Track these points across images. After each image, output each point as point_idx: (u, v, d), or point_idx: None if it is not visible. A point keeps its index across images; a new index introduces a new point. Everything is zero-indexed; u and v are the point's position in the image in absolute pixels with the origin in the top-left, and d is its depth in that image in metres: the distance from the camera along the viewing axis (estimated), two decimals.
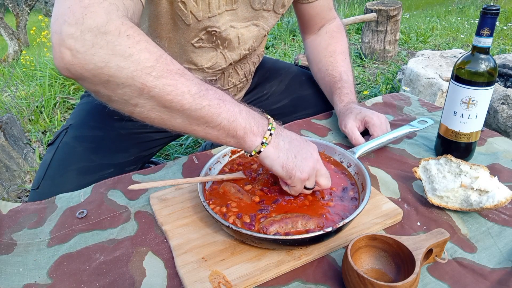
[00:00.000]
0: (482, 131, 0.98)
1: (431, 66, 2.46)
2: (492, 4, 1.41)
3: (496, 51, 3.60)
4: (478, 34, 0.78)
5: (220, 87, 0.69)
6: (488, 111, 1.80)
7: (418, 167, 0.79)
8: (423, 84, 2.35)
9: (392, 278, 0.60)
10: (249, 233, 0.61)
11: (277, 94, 1.26)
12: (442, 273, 0.62)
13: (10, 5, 4.93)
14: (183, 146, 2.09)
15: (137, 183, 0.71)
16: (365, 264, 0.62)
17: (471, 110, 0.82)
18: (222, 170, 0.81)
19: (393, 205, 0.74)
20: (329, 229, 0.61)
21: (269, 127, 0.66)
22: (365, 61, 3.59)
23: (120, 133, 1.05)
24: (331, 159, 0.84)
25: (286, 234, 0.64)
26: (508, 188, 0.71)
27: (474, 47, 0.80)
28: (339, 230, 0.63)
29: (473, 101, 0.81)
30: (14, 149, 1.89)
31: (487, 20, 0.76)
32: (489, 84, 0.80)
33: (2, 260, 0.67)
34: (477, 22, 1.24)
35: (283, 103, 1.24)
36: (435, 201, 0.74)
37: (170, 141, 1.22)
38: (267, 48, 3.98)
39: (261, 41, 1.06)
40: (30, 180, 1.88)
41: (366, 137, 0.95)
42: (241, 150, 0.86)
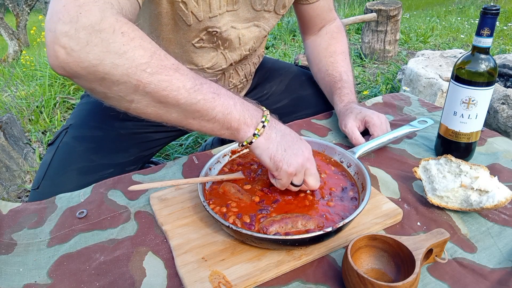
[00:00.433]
0: (482, 131, 0.98)
1: (431, 66, 2.46)
2: (492, 4, 1.41)
3: (496, 51, 3.60)
4: (478, 34, 0.78)
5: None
6: (488, 111, 1.80)
7: (418, 167, 0.79)
8: (423, 84, 2.35)
9: (392, 278, 0.60)
10: (249, 233, 0.61)
11: (277, 94, 1.26)
12: (442, 273, 0.62)
13: (10, 5, 4.93)
14: (183, 146, 2.09)
15: (137, 183, 0.71)
16: (365, 264, 0.62)
17: (471, 110, 0.82)
18: (222, 170, 0.81)
19: (393, 205, 0.74)
20: (329, 229, 0.61)
21: (263, 119, 0.68)
22: (365, 61, 3.59)
23: (120, 133, 1.05)
24: (332, 160, 0.84)
25: (286, 234, 0.64)
26: (508, 188, 0.71)
27: (474, 47, 0.80)
28: (339, 230, 0.63)
29: (473, 101, 0.81)
30: (14, 149, 1.89)
31: (487, 20, 0.76)
32: (489, 84, 0.80)
33: (2, 260, 0.67)
34: (477, 22, 1.24)
35: (283, 103, 1.24)
36: (435, 201, 0.74)
37: (170, 141, 1.22)
38: (267, 48, 3.98)
39: (261, 42, 1.06)
40: (30, 180, 1.88)
41: (366, 137, 0.95)
42: (241, 150, 0.86)
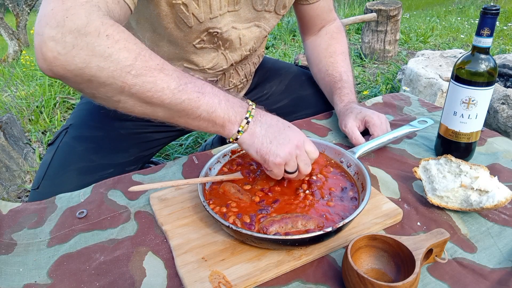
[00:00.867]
0: (482, 131, 0.98)
1: (431, 66, 2.46)
2: (492, 4, 1.41)
3: (496, 51, 3.60)
4: (478, 34, 0.78)
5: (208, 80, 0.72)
6: (488, 111, 1.81)
7: (418, 167, 0.79)
8: (423, 84, 2.35)
9: (392, 278, 0.60)
10: (249, 233, 0.61)
11: (277, 94, 1.26)
12: (442, 273, 0.62)
13: (10, 5, 4.93)
14: (183, 146, 2.09)
15: (137, 183, 0.71)
16: (365, 264, 0.62)
17: (471, 110, 0.82)
18: (222, 170, 0.81)
19: (393, 205, 0.74)
20: (329, 229, 0.61)
21: (247, 115, 0.69)
22: (365, 61, 3.59)
23: (120, 133, 1.05)
24: (332, 161, 0.84)
25: (286, 234, 0.64)
26: (508, 188, 0.71)
27: (474, 47, 0.80)
28: (339, 230, 0.63)
29: (473, 101, 0.81)
30: (14, 149, 1.89)
31: (487, 20, 0.76)
32: (489, 84, 0.80)
33: (2, 260, 0.67)
34: (477, 22, 1.24)
35: (283, 103, 1.24)
36: (435, 201, 0.74)
37: (170, 141, 1.22)
38: (267, 48, 3.98)
39: (262, 42, 1.06)
40: (30, 180, 1.88)
41: (366, 137, 0.95)
42: (241, 150, 0.86)
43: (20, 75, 3.18)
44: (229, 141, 0.71)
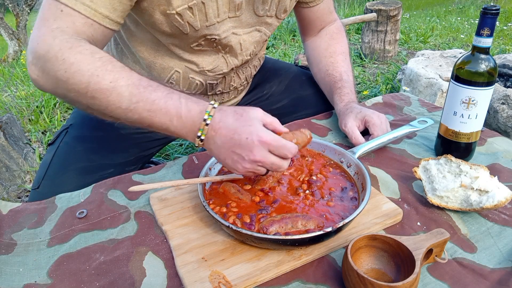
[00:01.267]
0: (482, 131, 0.98)
1: (431, 66, 2.46)
2: (492, 4, 1.41)
3: (496, 51, 3.60)
4: (478, 34, 0.78)
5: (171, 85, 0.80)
6: (488, 111, 1.80)
7: (418, 167, 0.79)
8: (423, 84, 2.35)
9: (392, 278, 0.60)
10: (249, 233, 0.61)
11: (277, 94, 1.25)
12: (442, 273, 0.62)
13: (10, 5, 4.92)
14: (183, 146, 2.09)
15: (137, 183, 0.71)
16: (365, 264, 0.62)
17: (471, 110, 0.82)
18: (222, 170, 0.81)
19: (393, 205, 0.74)
20: (329, 229, 0.61)
21: (199, 133, 0.68)
22: (365, 61, 3.59)
23: (120, 133, 1.05)
24: (332, 161, 0.84)
25: (286, 234, 0.64)
26: (508, 188, 0.71)
27: (474, 47, 0.79)
28: (339, 230, 0.63)
29: (473, 101, 0.81)
30: (14, 149, 1.89)
31: (487, 20, 0.76)
32: (489, 84, 0.80)
33: (2, 260, 0.67)
34: (477, 22, 1.24)
35: (283, 103, 1.24)
36: (435, 201, 0.74)
37: (170, 141, 1.22)
38: (267, 48, 3.98)
39: (262, 46, 1.06)
40: (30, 180, 1.88)
41: (366, 136, 0.95)
42: None
43: (20, 75, 3.18)
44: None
